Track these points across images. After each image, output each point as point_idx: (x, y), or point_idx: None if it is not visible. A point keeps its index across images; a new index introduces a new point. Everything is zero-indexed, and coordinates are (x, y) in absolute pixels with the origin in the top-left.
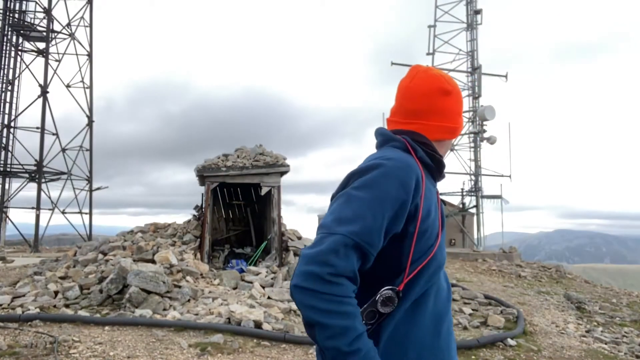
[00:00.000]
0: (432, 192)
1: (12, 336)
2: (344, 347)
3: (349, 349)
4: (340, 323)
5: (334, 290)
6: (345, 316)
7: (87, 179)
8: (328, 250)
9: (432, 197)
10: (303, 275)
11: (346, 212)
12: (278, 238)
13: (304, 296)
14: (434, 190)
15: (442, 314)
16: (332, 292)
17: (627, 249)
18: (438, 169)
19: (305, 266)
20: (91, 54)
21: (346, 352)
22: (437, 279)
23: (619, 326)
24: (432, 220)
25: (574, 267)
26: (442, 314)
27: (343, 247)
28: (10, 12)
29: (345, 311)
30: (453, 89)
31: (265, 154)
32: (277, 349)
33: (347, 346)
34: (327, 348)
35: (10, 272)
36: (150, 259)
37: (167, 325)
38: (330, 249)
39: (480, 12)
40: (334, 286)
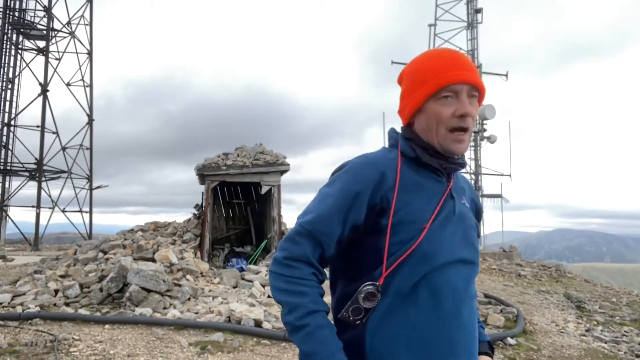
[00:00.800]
0: (421, 184)
1: (12, 334)
2: (294, 321)
3: (297, 324)
4: (293, 300)
5: (290, 272)
6: (298, 295)
7: (87, 177)
8: (286, 238)
9: (419, 189)
10: (272, 261)
11: (309, 206)
12: (278, 237)
13: (270, 278)
14: (427, 183)
15: (446, 315)
16: (288, 274)
17: (627, 248)
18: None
19: (276, 253)
20: (91, 52)
21: (295, 327)
22: (430, 273)
23: (618, 325)
24: (414, 211)
25: (574, 266)
26: (445, 314)
27: (297, 235)
28: (10, 11)
29: (299, 290)
30: (403, 72)
31: (266, 152)
32: (277, 348)
33: (296, 321)
34: (284, 323)
35: (11, 270)
36: (150, 257)
37: (167, 323)
38: (287, 237)
39: (480, 10)
40: (289, 268)
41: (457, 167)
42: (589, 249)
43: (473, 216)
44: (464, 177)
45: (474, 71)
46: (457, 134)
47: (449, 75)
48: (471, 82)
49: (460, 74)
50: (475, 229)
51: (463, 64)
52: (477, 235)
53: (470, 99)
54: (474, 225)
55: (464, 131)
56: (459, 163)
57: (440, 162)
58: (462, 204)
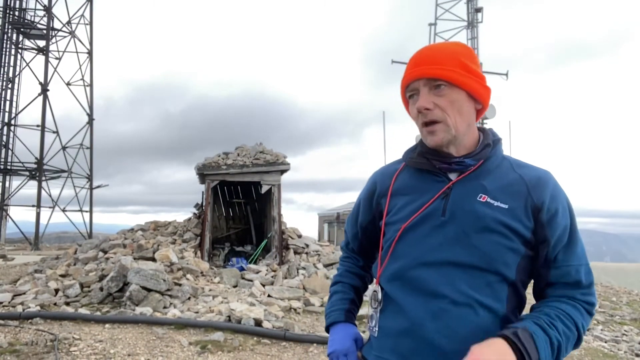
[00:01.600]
0: (416, 187)
1: (12, 334)
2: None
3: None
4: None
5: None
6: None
7: (88, 177)
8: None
9: (412, 191)
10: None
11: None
12: (278, 236)
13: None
14: (425, 185)
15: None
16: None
17: (627, 247)
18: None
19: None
20: (91, 51)
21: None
22: (399, 273)
23: (618, 325)
24: (399, 212)
25: None
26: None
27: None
28: (10, 10)
29: (338, 267)
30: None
31: (266, 152)
32: (277, 347)
33: (330, 287)
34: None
35: (11, 270)
36: (150, 257)
37: (168, 323)
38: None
39: (480, 10)
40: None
41: (452, 167)
42: (589, 248)
43: (502, 216)
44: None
45: (429, 63)
46: (428, 127)
47: (407, 75)
48: (423, 76)
49: (414, 71)
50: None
51: (420, 60)
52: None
53: (436, 91)
54: (488, 226)
55: (432, 124)
56: (454, 162)
57: (435, 162)
58: (478, 201)
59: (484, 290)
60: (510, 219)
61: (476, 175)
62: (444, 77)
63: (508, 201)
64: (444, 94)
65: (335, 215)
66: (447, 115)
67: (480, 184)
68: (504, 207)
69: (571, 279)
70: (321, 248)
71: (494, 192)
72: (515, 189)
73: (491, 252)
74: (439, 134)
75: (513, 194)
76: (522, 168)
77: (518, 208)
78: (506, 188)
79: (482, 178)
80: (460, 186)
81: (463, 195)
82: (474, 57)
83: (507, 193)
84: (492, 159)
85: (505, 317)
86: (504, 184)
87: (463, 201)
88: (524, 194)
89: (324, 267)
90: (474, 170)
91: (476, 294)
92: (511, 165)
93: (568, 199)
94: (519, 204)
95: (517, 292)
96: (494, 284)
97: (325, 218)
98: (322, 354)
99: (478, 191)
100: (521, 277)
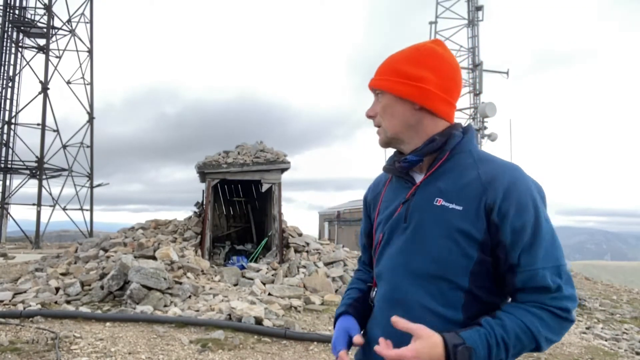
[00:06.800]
0: (394, 195)
1: (13, 332)
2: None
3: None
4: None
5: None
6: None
7: (88, 175)
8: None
9: (392, 199)
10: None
11: None
12: (279, 235)
13: None
14: (399, 191)
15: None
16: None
17: (627, 246)
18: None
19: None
20: (91, 50)
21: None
22: (378, 284)
23: (619, 323)
24: (380, 223)
25: (575, 264)
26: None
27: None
28: (10, 9)
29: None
30: None
31: (266, 150)
32: (278, 345)
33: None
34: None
35: (12, 268)
36: (151, 255)
37: (168, 321)
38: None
39: (481, 8)
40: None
41: (401, 165)
42: (590, 247)
43: (455, 219)
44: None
45: (375, 74)
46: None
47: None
48: (369, 87)
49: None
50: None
51: (375, 71)
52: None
53: (377, 100)
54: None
55: (377, 127)
56: (401, 160)
57: (398, 165)
58: (434, 206)
59: (438, 298)
60: (463, 222)
61: (436, 176)
62: (376, 87)
63: (462, 202)
64: (380, 101)
65: (335, 213)
66: (382, 119)
67: (437, 185)
68: (458, 209)
69: (537, 284)
70: (322, 246)
71: (450, 194)
72: (471, 189)
73: (443, 258)
74: (379, 136)
75: (469, 194)
76: (484, 164)
77: (472, 209)
78: (463, 188)
79: (441, 179)
80: (422, 190)
81: (422, 200)
82: (420, 58)
83: (463, 193)
84: (456, 157)
85: (463, 324)
86: (461, 184)
87: (421, 206)
88: (479, 193)
89: (325, 265)
90: (435, 170)
91: (430, 303)
92: (474, 162)
93: (532, 195)
94: (473, 204)
95: (478, 299)
96: (448, 292)
97: (326, 216)
98: (322, 352)
99: (435, 194)
100: (479, 283)
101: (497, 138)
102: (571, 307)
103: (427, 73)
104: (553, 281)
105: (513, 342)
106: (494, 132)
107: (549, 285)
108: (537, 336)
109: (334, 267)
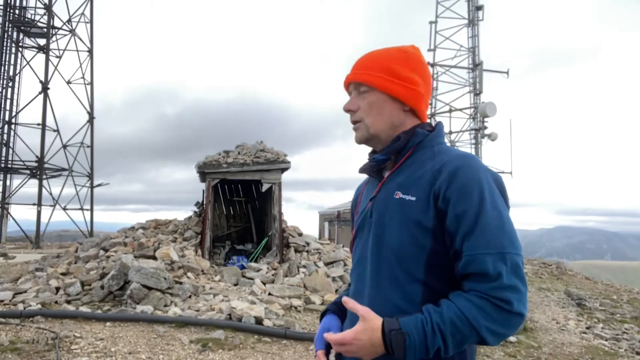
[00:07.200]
0: (368, 191)
1: (13, 332)
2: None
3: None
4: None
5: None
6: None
7: (88, 175)
8: None
9: (366, 197)
10: None
11: None
12: (279, 234)
13: None
14: (370, 189)
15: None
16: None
17: (627, 245)
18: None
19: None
20: (92, 50)
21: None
22: (352, 277)
23: (619, 323)
24: (358, 215)
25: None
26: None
27: None
28: (10, 8)
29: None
30: None
31: (266, 150)
32: (278, 345)
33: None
34: None
35: (12, 268)
36: (151, 255)
37: (169, 321)
38: None
39: (481, 8)
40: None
41: (367, 165)
42: (590, 247)
43: (410, 210)
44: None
45: (358, 68)
46: (353, 126)
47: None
48: (348, 81)
49: (347, 75)
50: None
51: (354, 65)
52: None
53: (361, 94)
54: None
55: (355, 123)
56: (371, 159)
57: (367, 164)
58: (394, 199)
59: (398, 291)
60: (416, 212)
61: (398, 172)
62: (365, 81)
63: (417, 193)
64: (365, 96)
65: (335, 213)
66: (365, 115)
67: (397, 180)
68: (412, 200)
69: (476, 269)
70: (322, 246)
71: (406, 186)
72: (424, 179)
73: (399, 249)
74: (358, 132)
75: (422, 184)
76: (440, 155)
77: (423, 198)
78: (418, 179)
79: (401, 173)
80: (385, 186)
81: (384, 195)
82: (409, 61)
83: (417, 184)
84: (419, 152)
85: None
86: (417, 176)
87: (383, 201)
88: (430, 183)
89: (325, 265)
90: (399, 166)
91: (392, 296)
92: (433, 155)
93: (479, 181)
94: (424, 194)
95: (438, 293)
96: (406, 284)
97: (326, 216)
98: None
99: (394, 189)
100: (437, 276)
101: (497, 138)
102: (513, 299)
103: (416, 76)
104: (494, 267)
105: (450, 330)
106: (494, 131)
107: (488, 270)
108: (476, 327)
109: (334, 267)
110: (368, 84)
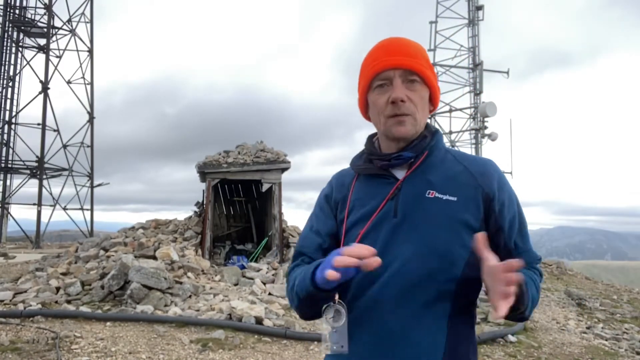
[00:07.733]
0: (369, 192)
1: (14, 332)
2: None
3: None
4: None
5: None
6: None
7: (88, 175)
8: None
9: (368, 197)
10: None
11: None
12: (279, 234)
13: None
14: (377, 188)
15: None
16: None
17: (628, 245)
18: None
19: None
20: (92, 50)
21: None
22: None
23: (619, 323)
24: (356, 220)
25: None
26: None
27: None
28: (10, 8)
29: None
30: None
31: (266, 150)
32: (278, 345)
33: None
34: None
35: (12, 268)
36: (151, 255)
37: (169, 321)
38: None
39: (482, 8)
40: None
41: (391, 163)
42: (590, 247)
43: (451, 210)
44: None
45: (406, 55)
46: (397, 117)
47: (380, 63)
48: (401, 66)
49: (390, 59)
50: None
51: (395, 50)
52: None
53: (408, 84)
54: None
55: (403, 116)
56: (393, 157)
57: (377, 162)
58: (427, 198)
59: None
60: (460, 211)
61: (422, 170)
62: (420, 72)
63: (456, 193)
64: (416, 89)
65: None
66: (417, 110)
67: (426, 179)
68: (453, 200)
69: (532, 258)
70: None
71: (441, 186)
72: (463, 180)
73: (443, 249)
74: (407, 126)
75: (461, 185)
76: (466, 159)
77: (468, 199)
78: (453, 180)
79: (428, 173)
80: (408, 184)
81: (411, 194)
82: (427, 58)
83: (454, 185)
84: (435, 153)
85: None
86: (450, 176)
87: (412, 199)
88: (472, 184)
89: None
90: (419, 165)
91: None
92: (454, 158)
93: (511, 186)
94: (469, 194)
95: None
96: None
97: None
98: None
99: (425, 187)
100: (469, 273)
101: (498, 138)
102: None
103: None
104: (536, 255)
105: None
106: (494, 131)
107: (538, 257)
108: (538, 287)
109: None
110: (421, 76)
